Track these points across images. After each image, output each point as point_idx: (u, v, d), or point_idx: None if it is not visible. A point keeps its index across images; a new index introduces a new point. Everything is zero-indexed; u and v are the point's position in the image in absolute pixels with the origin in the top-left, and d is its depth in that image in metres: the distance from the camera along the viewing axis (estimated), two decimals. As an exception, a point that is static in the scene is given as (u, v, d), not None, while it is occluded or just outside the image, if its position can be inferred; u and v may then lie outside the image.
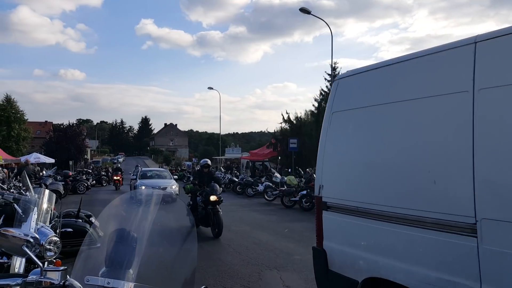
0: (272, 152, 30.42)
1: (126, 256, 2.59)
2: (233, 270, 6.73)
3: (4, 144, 37.76)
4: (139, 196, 2.61)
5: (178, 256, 2.40)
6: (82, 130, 51.55)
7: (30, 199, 4.83)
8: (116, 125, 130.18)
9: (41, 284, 1.81)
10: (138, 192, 2.91)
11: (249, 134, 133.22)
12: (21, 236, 2.19)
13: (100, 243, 2.70)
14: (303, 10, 21.18)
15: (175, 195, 16.23)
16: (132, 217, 2.80)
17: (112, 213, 2.56)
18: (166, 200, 2.47)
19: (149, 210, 2.53)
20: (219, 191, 10.04)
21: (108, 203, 2.70)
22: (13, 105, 40.95)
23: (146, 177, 20.04)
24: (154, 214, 2.56)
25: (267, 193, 18.48)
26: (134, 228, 2.74)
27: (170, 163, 68.61)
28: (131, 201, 2.57)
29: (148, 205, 2.61)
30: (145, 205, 2.60)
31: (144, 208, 2.60)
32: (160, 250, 2.53)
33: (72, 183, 21.99)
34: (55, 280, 1.80)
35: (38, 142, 49.66)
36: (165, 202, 2.46)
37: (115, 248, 2.79)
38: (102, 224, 2.89)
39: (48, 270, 1.83)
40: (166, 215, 2.41)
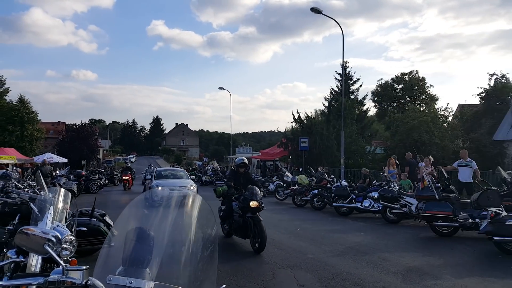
0: (283, 152, 30.36)
1: (143, 255, 2.58)
2: (247, 269, 6.73)
3: (17, 144, 38.19)
4: (158, 195, 2.60)
5: (198, 256, 2.38)
6: (95, 130, 52.02)
7: (46, 198, 4.86)
8: (128, 125, 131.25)
9: (63, 284, 1.81)
10: (156, 191, 2.89)
11: (259, 133, 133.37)
12: (42, 235, 2.20)
13: (114, 242, 2.70)
14: (314, 10, 21.09)
15: None
16: (150, 216, 2.79)
17: (131, 212, 2.56)
18: (187, 199, 2.44)
19: (169, 210, 2.51)
20: (260, 196, 8.36)
21: (120, 203, 2.71)
22: (26, 105, 41.34)
23: (161, 177, 18.95)
24: (175, 213, 2.55)
25: (278, 192, 18.46)
26: (152, 227, 2.73)
27: (181, 162, 68.85)
28: (150, 201, 2.56)
29: (168, 205, 2.60)
30: (164, 204, 2.59)
31: (163, 208, 2.58)
32: (179, 249, 2.51)
33: (85, 183, 22.20)
34: (77, 280, 1.80)
35: (51, 142, 50.21)
36: (186, 201, 2.43)
37: (133, 247, 2.79)
38: (118, 223, 2.89)
39: (70, 270, 1.83)
40: (186, 214, 2.40)
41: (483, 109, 26.80)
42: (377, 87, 45.25)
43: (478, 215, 8.76)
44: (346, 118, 25.72)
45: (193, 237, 2.31)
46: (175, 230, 2.32)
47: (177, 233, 2.30)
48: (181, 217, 2.38)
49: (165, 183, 17.09)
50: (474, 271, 6.60)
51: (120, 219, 2.72)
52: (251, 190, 8.24)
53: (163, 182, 17.47)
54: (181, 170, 22.14)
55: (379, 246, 8.55)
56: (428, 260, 7.29)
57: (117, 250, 2.88)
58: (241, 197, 8.31)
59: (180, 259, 2.40)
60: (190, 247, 2.31)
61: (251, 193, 8.16)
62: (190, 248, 2.31)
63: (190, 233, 2.34)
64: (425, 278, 6.17)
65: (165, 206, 2.46)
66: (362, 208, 12.95)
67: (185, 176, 19.34)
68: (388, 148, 25.39)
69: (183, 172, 20.42)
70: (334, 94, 34.32)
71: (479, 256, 7.76)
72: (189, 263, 2.34)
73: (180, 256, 2.37)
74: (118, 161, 66.96)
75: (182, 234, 2.31)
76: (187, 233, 2.35)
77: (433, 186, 9.68)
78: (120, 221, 2.81)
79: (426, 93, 43.73)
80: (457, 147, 23.17)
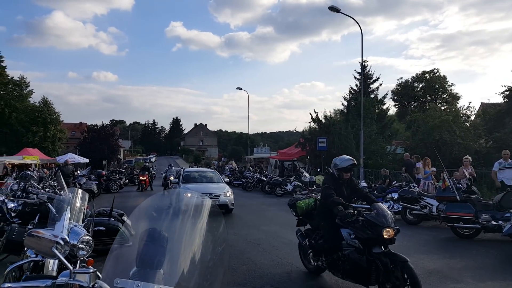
0: (301, 152, 30.21)
1: (156, 256, 2.58)
2: (262, 270, 6.70)
3: (41, 144, 39.10)
4: (170, 196, 2.60)
5: (208, 258, 2.37)
6: (116, 130, 52.82)
7: (64, 199, 4.94)
8: (148, 125, 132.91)
9: (71, 287, 1.82)
10: (169, 192, 2.88)
11: (277, 133, 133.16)
12: (51, 238, 2.22)
13: (132, 241, 2.71)
14: (332, 9, 20.93)
15: (231, 204, 13.40)
16: (163, 218, 2.79)
17: (143, 212, 2.57)
18: (197, 201, 2.43)
19: (180, 211, 2.51)
20: (392, 219, 5.17)
21: (138, 203, 2.71)
22: (49, 107, 42.30)
23: (190, 180, 15.33)
24: (186, 215, 2.54)
25: (296, 192, 18.36)
26: (165, 228, 2.73)
27: (200, 162, 69.34)
28: (163, 201, 2.56)
29: (178, 206, 2.60)
30: (175, 205, 2.58)
31: (176, 209, 2.58)
32: (190, 251, 2.50)
33: (105, 183, 22.54)
34: (84, 283, 1.81)
35: (73, 143, 51.19)
36: (196, 203, 2.42)
37: (146, 248, 2.79)
38: (134, 223, 2.90)
39: (78, 272, 1.84)
40: (197, 216, 2.39)
41: (506, 107, 26.07)
42: (397, 86, 44.65)
43: (501, 217, 8.52)
44: (366, 118, 25.42)
45: (203, 239, 2.30)
46: (186, 231, 2.31)
47: (187, 235, 2.29)
48: (192, 219, 2.37)
49: (195, 188, 13.52)
50: (496, 275, 6.41)
51: (132, 217, 2.73)
52: (377, 210, 5.18)
53: (193, 186, 13.86)
54: (211, 171, 18.58)
55: (398, 248, 8.34)
56: (448, 262, 7.13)
57: (130, 250, 2.89)
58: (360, 221, 5.23)
59: (190, 261, 2.40)
60: (200, 249, 2.30)
61: (379, 214, 5.09)
62: (200, 250, 2.30)
63: (201, 235, 2.33)
64: (445, 281, 6.03)
65: (175, 207, 2.45)
66: (381, 209, 12.73)
67: (217, 178, 15.93)
68: (409, 148, 24.98)
69: (214, 174, 16.83)
70: (353, 93, 33.95)
71: (502, 259, 7.54)
72: (199, 265, 2.34)
73: (190, 258, 2.36)
74: (138, 161, 67.82)
75: (192, 236, 2.31)
76: (198, 235, 2.34)
77: (454, 187, 9.47)
78: (132, 220, 2.82)
79: (447, 91, 42.90)
80: (480, 147, 22.66)
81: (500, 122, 24.97)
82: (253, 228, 10.52)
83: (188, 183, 14.64)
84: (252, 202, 17.84)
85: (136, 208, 2.55)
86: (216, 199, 12.46)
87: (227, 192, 13.59)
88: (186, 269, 2.41)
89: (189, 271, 2.41)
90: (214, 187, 14.05)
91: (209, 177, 16.03)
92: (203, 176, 16.16)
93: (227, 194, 13.43)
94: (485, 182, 16.35)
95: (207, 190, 13.03)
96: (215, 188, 13.92)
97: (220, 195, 13.11)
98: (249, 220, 11.97)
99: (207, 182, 15.18)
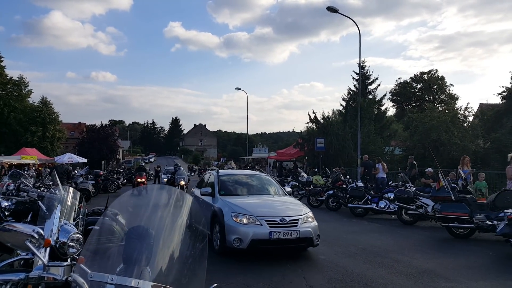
0: (299, 152, 30.22)
1: (143, 253, 2.58)
2: (256, 269, 6.70)
3: (39, 144, 39.08)
4: (149, 191, 2.61)
5: (187, 254, 2.38)
6: (115, 130, 52.80)
7: (55, 197, 4.93)
8: (147, 126, 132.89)
9: (44, 279, 1.83)
10: (148, 187, 2.89)
11: (277, 134, 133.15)
12: (25, 231, 2.22)
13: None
14: (330, 9, 20.92)
15: (316, 236, 7.65)
16: (144, 214, 2.79)
17: (124, 208, 2.56)
18: (177, 196, 2.43)
19: (163, 208, 2.51)
20: None
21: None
22: (48, 107, 42.32)
23: (233, 190, 9.05)
24: (167, 211, 2.55)
25: (293, 192, 18.31)
26: (151, 225, 2.72)
27: (199, 163, 69.33)
28: (143, 197, 2.56)
29: (161, 202, 2.60)
30: (158, 202, 2.59)
31: (159, 206, 2.59)
32: (170, 248, 2.51)
33: (103, 182, 22.51)
34: (58, 276, 1.81)
35: (72, 143, 51.18)
36: (176, 198, 2.42)
37: (132, 245, 2.79)
38: (126, 220, 2.90)
39: (51, 266, 1.84)
40: (178, 213, 2.40)
41: (504, 108, 26.09)
42: (396, 86, 44.68)
43: (496, 216, 8.53)
44: (364, 118, 25.42)
45: (182, 237, 2.31)
46: (166, 228, 2.32)
47: (168, 231, 2.30)
48: (172, 215, 2.37)
49: (251, 206, 7.77)
50: (489, 274, 6.43)
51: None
52: None
53: (244, 203, 7.96)
54: (264, 174, 11.59)
55: (393, 247, 8.41)
56: (442, 262, 7.14)
57: (118, 248, 2.89)
58: None
59: (170, 257, 2.40)
60: (180, 246, 2.31)
61: None
62: (179, 247, 2.31)
63: (180, 231, 2.33)
64: (438, 280, 6.04)
65: (156, 203, 2.46)
66: (377, 209, 12.78)
67: (276, 188, 9.42)
68: (407, 148, 25.00)
69: (269, 181, 10.00)
70: (351, 94, 33.96)
71: (495, 259, 7.55)
72: (178, 262, 2.34)
73: (170, 254, 2.37)
74: (137, 161, 67.77)
75: (172, 233, 2.31)
76: (178, 231, 2.35)
77: (449, 187, 9.48)
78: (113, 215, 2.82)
79: (446, 92, 42.91)
80: (477, 148, 22.66)
81: (498, 122, 24.97)
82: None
83: (232, 196, 8.55)
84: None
85: (115, 201, 2.57)
86: (293, 228, 7.35)
87: (308, 216, 7.84)
88: (166, 265, 2.42)
89: (169, 267, 2.42)
90: (287, 207, 8.11)
91: (263, 185, 9.56)
92: (252, 185, 9.53)
93: (308, 218, 7.74)
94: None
95: (277, 213, 7.58)
96: (287, 209, 7.91)
97: (299, 221, 7.49)
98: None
99: (263, 194, 9.10)
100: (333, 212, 14.18)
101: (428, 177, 14.37)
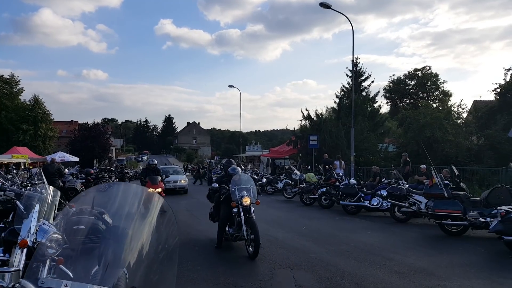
0: (292, 150, 30.10)
1: (117, 254, 2.43)
2: (245, 268, 6.57)
3: (31, 143, 38.69)
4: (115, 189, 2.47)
5: (154, 257, 2.27)
6: (107, 129, 52.35)
7: (34, 196, 4.77)
8: (140, 124, 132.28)
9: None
10: (114, 184, 2.76)
11: (271, 132, 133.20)
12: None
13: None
14: (323, 5, 20.77)
15: None
16: (113, 212, 2.66)
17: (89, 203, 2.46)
18: (148, 197, 2.32)
19: (129, 206, 2.39)
20: None
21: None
22: (40, 105, 41.88)
23: None
24: (135, 211, 2.43)
25: (286, 190, 18.24)
26: (127, 225, 2.58)
27: (192, 161, 69.13)
28: (108, 194, 2.45)
29: (128, 201, 2.47)
30: (124, 200, 2.46)
31: (124, 204, 2.46)
32: (139, 249, 2.39)
33: (94, 181, 22.27)
34: (4, 283, 1.66)
35: (64, 141, 50.71)
36: (147, 199, 2.31)
37: (106, 246, 2.64)
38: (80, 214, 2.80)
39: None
40: (147, 213, 2.27)
41: (498, 105, 26.15)
42: (389, 83, 44.58)
43: (489, 213, 8.45)
44: (357, 115, 25.34)
45: (151, 237, 2.19)
46: (135, 228, 2.20)
47: (136, 232, 2.17)
48: (141, 215, 2.24)
49: None
50: (482, 272, 6.32)
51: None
52: None
53: None
54: None
55: (385, 245, 8.29)
56: (434, 260, 7.03)
57: (92, 248, 2.76)
58: None
59: (143, 259, 2.29)
60: (148, 247, 2.20)
61: None
62: (147, 248, 2.20)
63: (149, 232, 2.21)
64: (430, 279, 5.92)
65: (122, 202, 2.34)
66: (370, 207, 12.68)
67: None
68: (401, 145, 24.97)
69: None
70: (345, 91, 33.86)
71: (488, 256, 7.46)
72: (150, 264, 2.23)
73: (137, 256, 2.26)
74: (130, 160, 67.58)
75: (141, 233, 2.19)
76: (146, 232, 2.22)
77: (442, 183, 9.38)
78: None
79: (439, 89, 42.91)
80: (471, 144, 22.68)
81: (491, 119, 25.02)
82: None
83: None
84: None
85: (79, 197, 2.43)
86: None
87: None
88: (140, 267, 2.30)
89: (142, 269, 2.30)
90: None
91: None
92: None
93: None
94: (476, 179, 16.34)
95: None
96: None
97: None
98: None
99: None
100: (325, 210, 14.06)
101: (421, 174, 14.30)
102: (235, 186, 7.58)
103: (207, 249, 7.97)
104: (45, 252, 3.44)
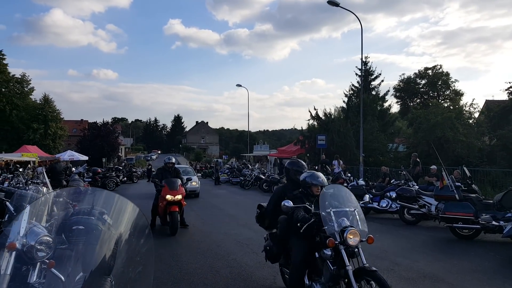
0: (300, 149, 29.84)
1: (104, 261, 2.34)
2: (247, 272, 6.37)
3: (41, 142, 39.08)
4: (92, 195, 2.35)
5: (137, 262, 2.14)
6: (116, 128, 52.59)
7: (26, 195, 4.61)
8: (150, 123, 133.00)
9: None
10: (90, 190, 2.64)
11: (279, 131, 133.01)
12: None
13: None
14: (331, 3, 20.51)
15: None
16: (88, 219, 2.58)
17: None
18: (120, 203, 2.18)
19: (102, 213, 2.27)
20: None
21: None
22: (50, 104, 42.29)
23: None
24: (115, 219, 2.33)
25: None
26: (112, 230, 2.51)
27: (201, 160, 69.22)
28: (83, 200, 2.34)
29: (102, 207, 2.35)
30: (99, 207, 2.34)
31: (99, 211, 2.37)
32: (128, 255, 2.28)
33: (101, 180, 22.27)
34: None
35: (74, 140, 51.10)
36: (119, 205, 2.17)
37: (91, 252, 2.54)
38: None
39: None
40: (121, 220, 2.11)
41: (511, 104, 25.61)
42: (400, 82, 44.00)
43: (502, 217, 8.14)
44: (367, 115, 25.01)
45: (127, 245, 2.05)
46: (107, 235, 2.05)
47: (108, 239, 2.03)
48: (117, 222, 2.08)
49: None
50: (495, 279, 6.03)
51: None
52: None
53: None
54: None
55: (394, 249, 8.03)
56: (445, 265, 6.75)
57: (76, 254, 2.67)
58: None
59: (122, 265, 2.18)
60: (128, 253, 2.08)
61: None
62: (127, 254, 2.07)
63: (123, 239, 2.08)
64: (439, 285, 5.67)
65: (96, 208, 2.21)
66: (379, 208, 12.40)
67: None
68: (411, 145, 24.58)
69: None
70: (354, 90, 33.43)
71: (501, 261, 7.15)
72: (128, 269, 2.11)
73: (122, 262, 2.15)
74: (139, 159, 67.95)
75: (113, 240, 2.04)
76: (120, 239, 2.09)
77: (453, 185, 9.08)
78: None
79: (450, 88, 42.22)
80: (483, 145, 22.22)
81: (504, 119, 24.49)
82: (244, 227, 10.19)
83: None
84: (247, 200, 17.56)
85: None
86: None
87: None
88: (122, 273, 2.18)
89: (126, 275, 2.19)
90: None
91: None
92: None
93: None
94: (488, 180, 15.95)
95: None
96: None
97: None
98: (242, 219, 11.63)
99: None
100: (333, 211, 13.79)
101: (432, 175, 13.98)
102: (329, 208, 4.21)
103: (209, 250, 7.79)
104: (35, 255, 3.28)
